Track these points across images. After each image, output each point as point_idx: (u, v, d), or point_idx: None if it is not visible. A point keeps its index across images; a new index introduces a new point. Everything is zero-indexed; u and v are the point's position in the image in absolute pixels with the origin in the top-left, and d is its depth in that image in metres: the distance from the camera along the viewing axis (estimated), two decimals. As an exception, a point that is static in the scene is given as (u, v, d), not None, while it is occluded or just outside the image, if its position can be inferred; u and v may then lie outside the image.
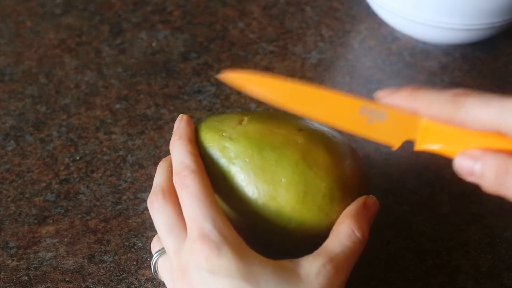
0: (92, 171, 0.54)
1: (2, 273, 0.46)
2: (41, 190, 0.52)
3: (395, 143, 0.38)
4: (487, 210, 0.51)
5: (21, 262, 0.47)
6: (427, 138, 0.36)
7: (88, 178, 0.53)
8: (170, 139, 0.43)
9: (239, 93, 0.60)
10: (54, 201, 0.51)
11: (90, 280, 0.46)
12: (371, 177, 0.45)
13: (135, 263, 0.47)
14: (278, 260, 0.37)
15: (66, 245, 0.48)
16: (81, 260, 0.47)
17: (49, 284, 0.46)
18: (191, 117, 0.54)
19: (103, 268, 0.47)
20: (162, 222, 0.40)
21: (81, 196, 0.52)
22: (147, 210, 0.50)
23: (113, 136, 0.57)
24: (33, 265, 0.47)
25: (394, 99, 0.36)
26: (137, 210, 0.51)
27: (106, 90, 0.61)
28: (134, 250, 0.48)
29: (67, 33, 0.67)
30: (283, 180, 0.40)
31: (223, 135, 0.41)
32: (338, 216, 0.40)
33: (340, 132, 0.42)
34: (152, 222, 0.50)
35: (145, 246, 0.48)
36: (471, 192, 0.52)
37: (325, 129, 0.43)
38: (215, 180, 0.41)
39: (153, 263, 0.42)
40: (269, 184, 0.40)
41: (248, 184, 0.40)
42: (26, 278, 0.46)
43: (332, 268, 0.37)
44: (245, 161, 0.40)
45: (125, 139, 0.56)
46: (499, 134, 0.32)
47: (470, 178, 0.34)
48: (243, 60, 0.64)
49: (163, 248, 0.42)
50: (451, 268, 0.47)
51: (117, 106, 0.59)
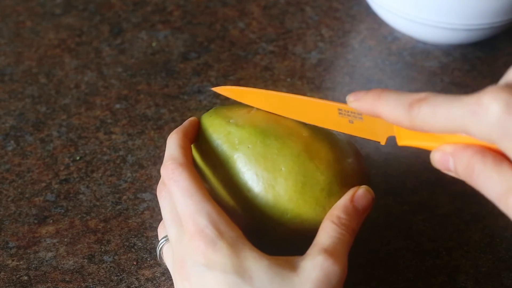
0: (92, 171, 0.54)
1: (2, 273, 0.46)
2: (41, 190, 0.52)
3: (381, 140, 0.39)
4: (487, 210, 0.51)
5: (21, 262, 0.47)
6: (404, 135, 0.37)
7: (88, 178, 0.53)
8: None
9: (239, 93, 0.60)
10: (54, 201, 0.51)
11: (90, 280, 0.46)
12: (371, 177, 0.45)
13: (135, 263, 0.47)
14: (274, 256, 0.37)
15: (66, 245, 0.48)
16: (81, 260, 0.47)
17: (49, 284, 0.46)
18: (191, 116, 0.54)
19: (103, 268, 0.47)
20: (167, 210, 0.40)
21: (81, 196, 0.52)
22: (147, 210, 0.50)
23: (113, 136, 0.57)
24: (33, 265, 0.47)
25: (359, 105, 0.36)
26: (137, 210, 0.51)
27: (106, 90, 0.61)
28: (134, 250, 0.48)
29: (67, 33, 0.67)
30: (283, 169, 0.40)
31: (229, 122, 0.42)
32: None
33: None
34: (152, 222, 0.50)
35: (145, 246, 0.48)
36: (471, 192, 0.51)
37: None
38: (215, 166, 0.41)
39: (159, 249, 0.42)
40: (269, 171, 0.40)
41: (248, 170, 0.40)
42: (26, 278, 0.46)
43: (327, 259, 0.37)
44: (248, 147, 0.40)
45: (125, 139, 0.56)
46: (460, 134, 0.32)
47: (449, 173, 0.34)
48: (243, 60, 0.64)
49: (166, 237, 0.42)
50: (451, 268, 0.47)
51: (117, 106, 0.59)
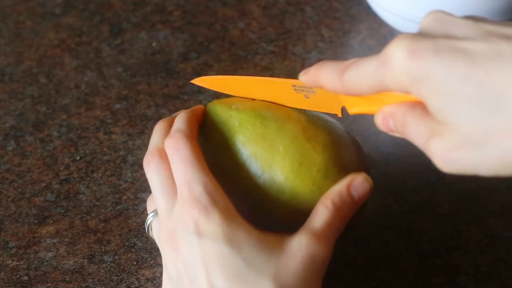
0: (92, 171, 0.54)
1: (2, 273, 0.46)
2: (41, 190, 0.52)
3: (336, 112, 0.41)
4: (487, 210, 0.51)
5: (21, 262, 0.47)
6: (351, 103, 0.38)
7: (88, 178, 0.53)
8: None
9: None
10: (54, 201, 0.51)
11: (90, 280, 0.46)
12: (371, 177, 0.45)
13: (135, 263, 0.47)
14: (264, 231, 0.38)
15: (66, 245, 0.48)
16: (81, 260, 0.47)
17: (49, 284, 0.46)
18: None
19: (103, 268, 0.47)
20: (156, 182, 0.40)
21: (81, 196, 0.52)
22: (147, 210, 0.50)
23: (113, 136, 0.57)
24: (33, 265, 0.47)
25: (305, 78, 0.37)
26: (137, 210, 0.51)
27: (106, 90, 0.61)
28: (134, 250, 0.48)
29: (67, 33, 0.67)
30: (280, 148, 0.40)
31: (231, 107, 0.43)
32: None
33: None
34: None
35: (145, 246, 0.48)
36: (471, 192, 0.52)
37: (330, 118, 0.44)
38: (217, 148, 0.42)
39: (148, 223, 0.42)
40: (267, 151, 0.40)
41: (247, 150, 0.41)
42: (26, 278, 0.46)
43: (313, 240, 0.37)
44: (247, 128, 0.41)
45: (125, 139, 0.56)
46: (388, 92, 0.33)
47: (393, 134, 0.35)
48: (243, 60, 0.64)
49: (155, 210, 0.42)
50: (451, 268, 0.47)
51: (117, 106, 0.59)
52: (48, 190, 0.52)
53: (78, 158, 0.55)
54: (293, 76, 0.62)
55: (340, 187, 0.40)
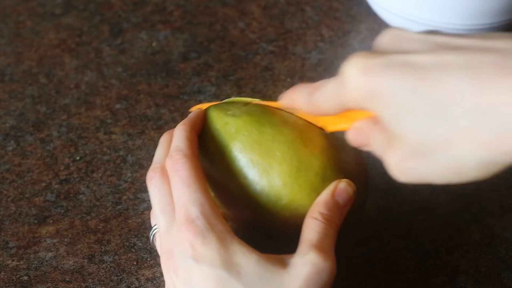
0: (92, 171, 0.54)
1: (2, 273, 0.46)
2: (41, 190, 0.52)
3: (326, 128, 0.42)
4: (487, 210, 0.51)
5: (21, 262, 0.47)
6: (327, 122, 0.41)
7: (88, 178, 0.53)
8: None
9: (239, 93, 0.60)
10: (54, 201, 0.51)
11: (90, 280, 0.46)
12: (371, 178, 0.45)
13: (135, 263, 0.47)
14: (263, 253, 0.37)
15: (66, 245, 0.48)
16: (81, 260, 0.47)
17: (49, 284, 0.46)
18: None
19: (103, 268, 0.47)
20: (157, 199, 0.40)
21: (81, 196, 0.52)
22: (147, 210, 0.50)
23: (113, 136, 0.57)
24: (33, 265, 0.47)
25: (283, 102, 0.40)
26: (137, 210, 0.51)
27: (106, 90, 0.61)
28: (134, 250, 0.48)
29: (67, 33, 0.67)
30: (277, 154, 0.40)
31: (227, 113, 0.42)
32: None
33: None
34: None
35: (145, 246, 0.48)
36: (471, 192, 0.52)
37: None
38: (214, 157, 0.42)
39: (151, 235, 0.42)
40: (264, 157, 0.40)
41: (244, 157, 0.40)
42: (26, 278, 0.46)
43: (318, 255, 0.36)
44: (244, 135, 0.41)
45: (125, 139, 0.56)
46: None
47: (364, 148, 0.36)
48: (243, 60, 0.64)
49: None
50: (451, 268, 0.47)
51: (117, 106, 0.59)
52: (48, 190, 0.52)
53: (78, 158, 0.55)
54: (293, 75, 0.63)
55: (325, 197, 0.39)
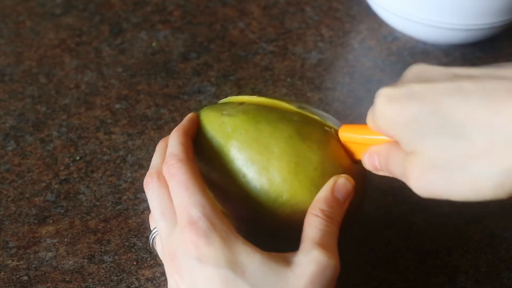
0: (92, 171, 0.54)
1: (2, 273, 0.46)
2: (41, 190, 0.52)
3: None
4: (487, 210, 0.51)
5: (21, 262, 0.47)
6: (352, 150, 0.42)
7: (88, 178, 0.53)
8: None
9: (239, 93, 0.60)
10: (54, 201, 0.51)
11: (90, 280, 0.46)
12: (371, 178, 0.45)
13: (135, 263, 0.47)
14: (267, 252, 0.37)
15: (66, 245, 0.48)
16: (81, 260, 0.47)
17: (49, 284, 0.46)
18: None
19: (103, 268, 0.47)
20: (156, 204, 0.40)
21: (81, 196, 0.52)
22: (147, 210, 0.50)
23: (113, 136, 0.57)
24: (33, 265, 0.47)
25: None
26: (137, 210, 0.51)
27: (106, 90, 0.61)
28: (134, 250, 0.48)
29: (67, 33, 0.67)
30: (275, 150, 0.40)
31: (223, 113, 0.42)
32: None
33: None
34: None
35: (145, 246, 0.48)
36: (471, 192, 0.52)
37: (324, 114, 0.44)
38: (211, 157, 0.42)
39: (151, 239, 0.43)
40: (262, 154, 0.40)
41: (242, 155, 0.40)
42: (26, 278, 0.46)
43: (322, 253, 0.37)
44: (241, 133, 0.41)
45: (125, 139, 0.56)
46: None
47: (379, 173, 0.39)
48: (243, 60, 0.64)
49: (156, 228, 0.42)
50: (451, 268, 0.47)
51: (117, 106, 0.59)
52: (48, 190, 0.52)
53: (78, 158, 0.55)
54: (293, 75, 0.63)
55: (324, 194, 0.40)
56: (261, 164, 0.40)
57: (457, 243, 0.49)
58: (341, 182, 0.40)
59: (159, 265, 0.47)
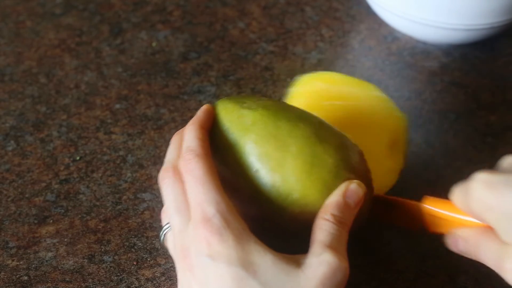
0: (92, 171, 0.54)
1: (2, 273, 0.46)
2: (41, 190, 0.52)
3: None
4: (487, 210, 0.51)
5: (21, 262, 0.47)
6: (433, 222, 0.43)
7: (88, 178, 0.53)
8: (170, 139, 0.43)
9: (239, 93, 0.60)
10: (54, 201, 0.51)
11: (90, 280, 0.46)
12: (372, 178, 0.45)
13: (135, 263, 0.47)
14: (278, 252, 0.37)
15: (66, 245, 0.48)
16: (81, 260, 0.47)
17: (49, 284, 0.46)
18: (192, 116, 0.54)
19: (103, 268, 0.47)
20: (171, 198, 0.40)
21: (81, 196, 0.52)
22: (147, 210, 0.50)
23: (113, 136, 0.57)
24: (33, 265, 0.47)
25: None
26: (137, 210, 0.51)
27: (106, 90, 0.61)
28: (134, 250, 0.48)
29: (67, 33, 0.67)
30: (292, 149, 0.40)
31: (243, 105, 0.42)
32: None
33: None
34: (151, 222, 0.50)
35: (145, 246, 0.48)
36: (471, 192, 0.52)
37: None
38: (225, 149, 0.41)
39: (162, 234, 0.42)
40: (279, 151, 0.40)
41: (258, 149, 0.40)
42: (26, 278, 0.46)
43: (333, 255, 0.37)
44: (259, 127, 0.41)
45: (125, 139, 0.56)
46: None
47: (462, 254, 0.41)
48: (243, 60, 0.64)
49: (169, 223, 0.41)
50: (451, 268, 0.47)
51: (117, 106, 0.59)
52: (48, 190, 0.52)
53: (78, 158, 0.55)
54: (293, 75, 0.62)
55: (336, 199, 0.40)
56: (276, 161, 0.40)
57: (457, 243, 0.49)
58: (353, 188, 0.40)
59: (159, 265, 0.47)
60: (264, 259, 0.36)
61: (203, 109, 0.43)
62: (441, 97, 0.61)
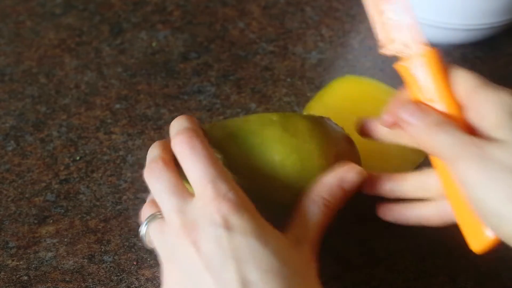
0: (92, 171, 0.54)
1: (2, 273, 0.46)
2: (41, 190, 0.52)
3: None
4: (487, 210, 0.51)
5: (21, 262, 0.47)
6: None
7: (88, 178, 0.53)
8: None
9: (239, 93, 0.60)
10: (54, 201, 0.51)
11: (90, 280, 0.46)
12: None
13: (135, 263, 0.47)
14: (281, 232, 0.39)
15: (66, 245, 0.48)
16: (81, 260, 0.47)
17: (49, 284, 0.46)
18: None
19: (103, 268, 0.47)
20: (163, 186, 0.39)
21: (81, 196, 0.52)
22: (147, 210, 0.50)
23: (113, 136, 0.57)
24: (33, 265, 0.47)
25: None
26: (137, 210, 0.51)
27: (106, 90, 0.61)
28: (134, 250, 0.48)
29: (67, 33, 0.67)
30: (276, 158, 0.40)
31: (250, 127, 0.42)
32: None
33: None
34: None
35: (145, 246, 0.48)
36: (471, 192, 0.52)
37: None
38: (228, 136, 0.42)
39: (144, 230, 0.41)
40: (264, 166, 0.40)
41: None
42: (26, 278, 0.46)
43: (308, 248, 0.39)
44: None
45: (125, 139, 0.56)
46: None
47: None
48: (243, 60, 0.64)
49: (153, 214, 0.40)
50: (451, 268, 0.47)
51: (117, 106, 0.59)
52: (48, 190, 0.52)
53: (78, 158, 0.55)
54: (293, 75, 0.63)
55: (331, 181, 0.40)
56: (266, 176, 0.40)
57: (457, 243, 0.49)
58: (351, 176, 0.41)
59: (159, 265, 0.47)
60: (273, 235, 0.37)
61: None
62: (441, 97, 0.61)
